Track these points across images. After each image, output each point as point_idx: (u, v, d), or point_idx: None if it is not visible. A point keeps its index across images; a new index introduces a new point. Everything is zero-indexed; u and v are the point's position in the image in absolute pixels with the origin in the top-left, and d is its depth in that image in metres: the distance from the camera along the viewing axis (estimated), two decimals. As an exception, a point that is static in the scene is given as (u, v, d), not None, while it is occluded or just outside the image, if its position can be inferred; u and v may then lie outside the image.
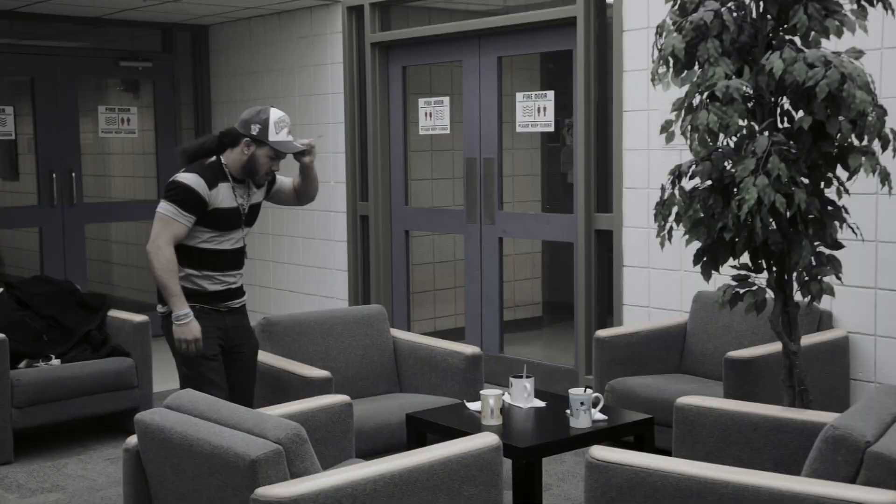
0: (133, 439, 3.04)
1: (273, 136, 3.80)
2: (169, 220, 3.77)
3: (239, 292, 3.97)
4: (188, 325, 3.77)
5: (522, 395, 3.96)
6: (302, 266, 7.28)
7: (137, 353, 5.36)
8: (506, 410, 3.88)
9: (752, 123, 3.35)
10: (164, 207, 3.79)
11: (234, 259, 3.93)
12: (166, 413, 2.95)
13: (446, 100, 6.64)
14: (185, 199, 3.75)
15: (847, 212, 3.42)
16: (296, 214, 7.50)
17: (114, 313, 5.56)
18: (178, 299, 3.77)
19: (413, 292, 7.16)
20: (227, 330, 3.91)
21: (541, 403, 3.98)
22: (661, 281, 5.42)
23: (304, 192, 4.14)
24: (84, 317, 5.53)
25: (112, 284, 8.96)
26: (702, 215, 3.33)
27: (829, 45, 3.51)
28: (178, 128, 8.18)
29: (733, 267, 3.48)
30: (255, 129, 3.80)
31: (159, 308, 3.93)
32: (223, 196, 3.82)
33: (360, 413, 4.11)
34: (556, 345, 7.55)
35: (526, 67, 7.71)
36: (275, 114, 3.83)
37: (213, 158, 3.85)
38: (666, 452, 3.54)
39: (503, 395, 3.88)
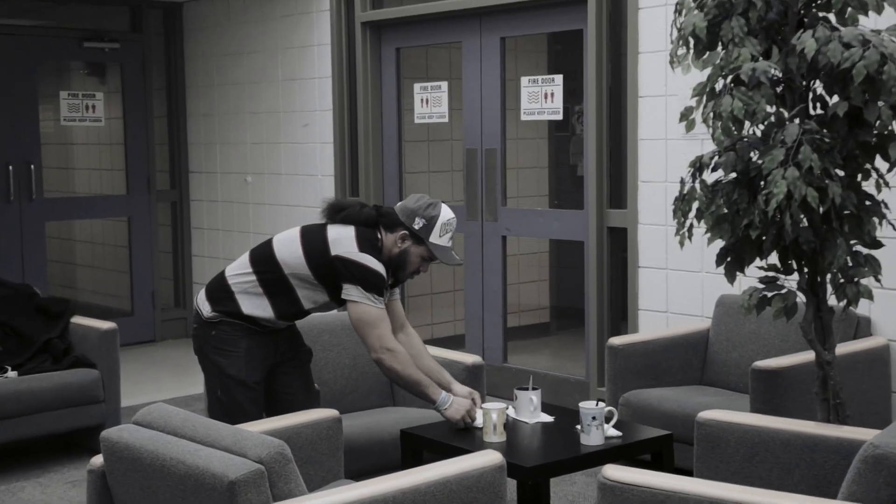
0: (98, 459, 3.03)
1: (435, 239, 3.73)
2: (382, 315, 3.69)
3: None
4: (454, 404, 3.77)
5: (528, 409, 3.96)
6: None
7: (104, 364, 5.35)
8: (510, 426, 3.87)
9: (782, 110, 3.35)
10: (369, 301, 3.66)
11: (302, 317, 3.93)
12: (136, 430, 2.94)
13: (444, 85, 6.64)
14: (380, 287, 3.68)
15: (887, 207, 3.41)
16: (279, 212, 7.50)
17: (77, 320, 5.55)
18: (433, 388, 3.76)
19: (408, 296, 7.16)
20: (277, 344, 3.87)
21: (548, 418, 3.97)
22: (680, 283, 5.41)
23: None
24: (44, 324, 5.52)
25: (76, 288, 8.96)
26: (725, 211, 3.33)
27: (868, 22, 3.51)
28: (149, 115, 8.18)
29: (760, 268, 3.48)
30: (418, 224, 3.72)
31: (206, 312, 3.81)
32: None
33: (350, 429, 4.10)
34: (565, 354, 7.55)
35: (532, 49, 7.70)
36: (445, 214, 3.75)
37: (379, 240, 3.75)
38: (686, 472, 3.54)
39: (507, 408, 3.88)
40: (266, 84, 7.55)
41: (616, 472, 2.84)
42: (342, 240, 3.70)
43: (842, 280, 3.36)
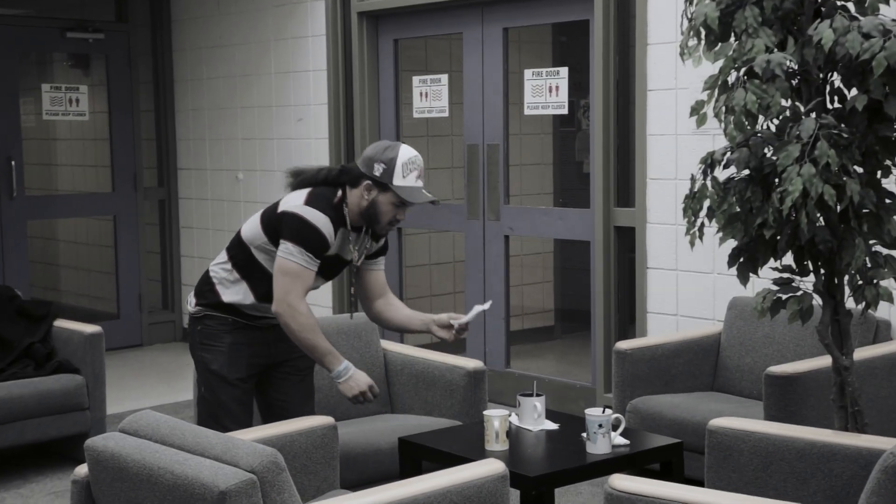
0: (83, 469, 3.03)
1: (399, 181, 3.67)
2: (300, 272, 3.62)
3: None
4: (352, 378, 3.70)
5: (532, 417, 3.96)
6: (278, 269, 7.28)
7: (88, 370, 5.35)
8: (513, 434, 3.87)
9: (797, 104, 3.35)
10: (291, 255, 3.62)
11: None
12: (122, 438, 2.94)
13: (444, 78, 6.64)
14: (316, 245, 3.63)
15: (907, 205, 3.41)
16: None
17: (61, 323, 5.55)
18: (332, 356, 3.69)
19: (406, 298, 7.16)
20: (270, 345, 3.82)
21: (553, 426, 3.97)
22: (690, 285, 5.41)
23: (382, 320, 3.98)
24: (26, 327, 5.52)
25: (59, 290, 8.96)
26: (738, 210, 3.33)
27: (889, 11, 3.51)
28: (136, 109, 8.18)
29: (775, 269, 3.47)
30: (378, 170, 3.67)
31: (190, 307, 3.85)
32: (339, 243, 3.73)
33: (346, 437, 4.10)
34: (570, 358, 7.55)
35: (536, 40, 7.70)
36: (405, 153, 3.71)
37: (338, 197, 3.73)
38: (697, 483, 3.54)
39: (510, 416, 3.88)
40: (258, 77, 7.55)
41: (623, 483, 2.84)
42: (292, 198, 3.72)
43: (860, 281, 3.36)
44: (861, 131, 3.26)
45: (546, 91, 6.06)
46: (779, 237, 3.30)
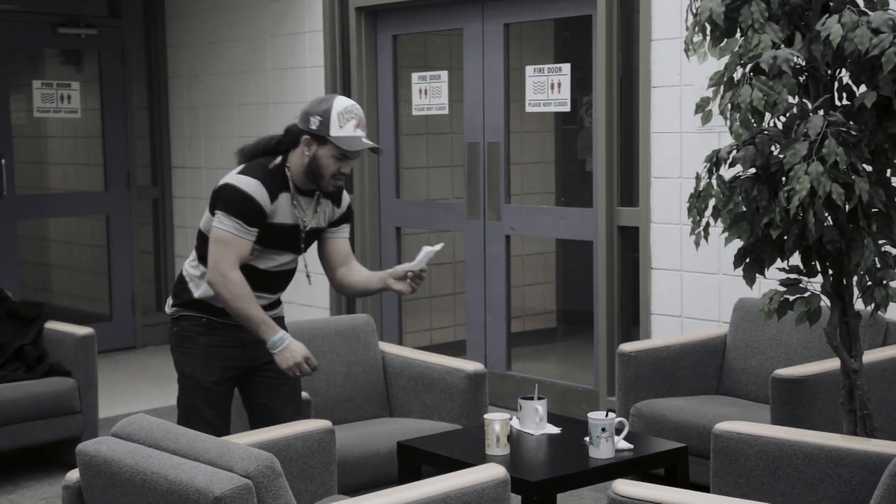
0: (74, 474, 3.03)
1: (336, 131, 3.63)
2: (230, 240, 3.61)
3: (265, 307, 3.79)
4: (287, 349, 3.65)
5: (533, 420, 3.96)
6: (274, 269, 7.28)
7: (80, 373, 5.35)
8: (514, 438, 3.87)
9: (805, 101, 3.35)
10: (222, 223, 3.62)
11: (274, 282, 3.80)
12: (114, 442, 2.94)
13: (444, 74, 6.64)
14: (245, 211, 3.62)
15: (917, 204, 3.41)
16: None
17: (52, 325, 5.55)
18: (266, 326, 3.64)
19: (405, 299, 7.16)
20: (247, 346, 3.79)
21: (555, 430, 3.98)
22: (695, 286, 5.41)
23: (344, 287, 3.94)
24: (16, 329, 5.52)
25: (50, 291, 8.95)
26: (744, 209, 3.33)
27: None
28: (129, 107, 8.18)
29: (781, 270, 3.47)
30: (314, 123, 3.65)
31: (167, 309, 3.86)
32: (282, 210, 3.70)
33: (344, 441, 4.10)
34: (572, 361, 7.55)
35: (537, 36, 7.70)
36: (340, 103, 3.67)
37: (278, 161, 3.72)
38: (702, 488, 3.54)
39: (511, 419, 3.88)
40: (254, 74, 7.54)
41: (627, 488, 2.84)
42: (230, 173, 3.73)
43: (869, 282, 3.36)
44: (870, 129, 3.26)
45: (548, 88, 6.06)
46: (786, 237, 3.30)
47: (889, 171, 3.37)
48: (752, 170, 3.33)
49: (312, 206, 3.78)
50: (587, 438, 3.75)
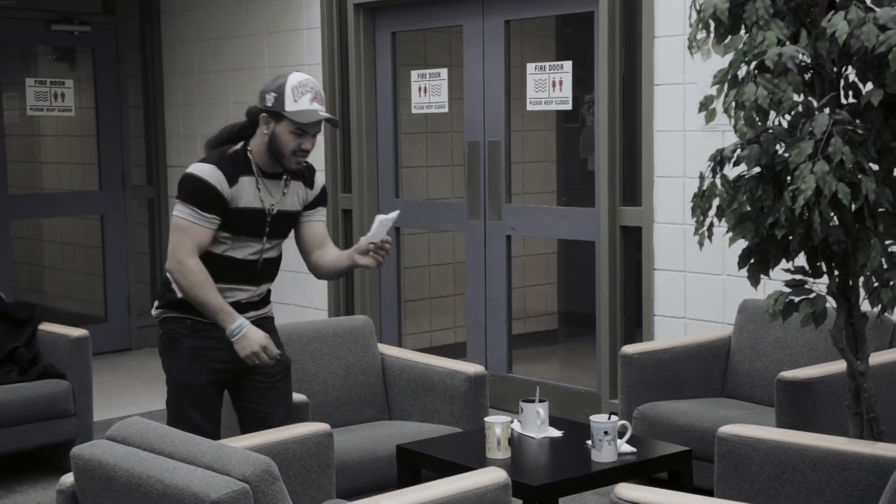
0: (69, 478, 3.02)
1: (291, 106, 3.64)
2: (187, 227, 3.65)
3: (252, 305, 3.82)
4: (245, 337, 3.65)
5: (535, 423, 3.95)
6: (271, 270, 7.28)
7: (74, 375, 5.35)
8: (515, 441, 3.87)
9: (810, 99, 3.35)
10: (178, 211, 3.67)
11: (251, 273, 3.79)
12: (109, 446, 2.94)
13: (444, 72, 6.63)
14: (201, 197, 3.64)
15: (924, 204, 3.41)
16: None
17: (46, 327, 5.55)
18: (224, 314, 3.66)
19: (405, 301, 7.16)
20: (232, 349, 3.75)
21: (557, 433, 3.97)
22: (699, 287, 5.41)
23: (318, 269, 3.92)
24: (9, 331, 5.52)
25: (44, 292, 8.95)
26: (748, 209, 3.33)
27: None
28: (124, 105, 8.17)
29: (787, 270, 3.47)
30: (270, 100, 3.67)
31: (153, 311, 3.87)
32: (245, 193, 3.70)
33: (343, 445, 4.10)
34: (574, 363, 7.55)
35: (538, 33, 7.70)
36: (294, 78, 3.68)
37: (239, 146, 3.75)
38: (706, 492, 3.54)
39: (512, 422, 3.88)
40: (251, 71, 7.54)
41: (630, 492, 2.83)
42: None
43: (876, 283, 3.35)
44: (877, 127, 3.26)
45: (549, 86, 6.05)
46: (791, 237, 3.30)
47: (896, 170, 3.37)
48: (757, 169, 3.33)
49: (280, 188, 3.78)
50: (589, 442, 3.75)
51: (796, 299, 3.40)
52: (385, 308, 7.03)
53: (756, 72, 3.24)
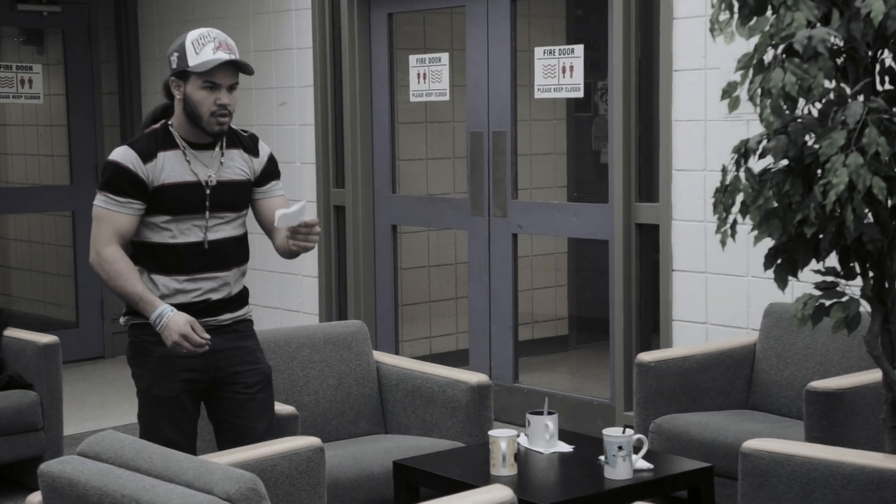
0: (36, 497, 3.03)
1: (193, 59, 3.68)
2: (104, 216, 3.71)
3: (226, 304, 3.82)
4: (166, 326, 3.66)
5: (543, 437, 3.96)
6: (260, 271, 7.26)
7: (43, 385, 5.35)
8: (522, 457, 3.87)
9: (843, 85, 3.35)
10: (95, 200, 3.75)
11: (208, 258, 3.79)
12: (81, 462, 2.94)
13: (445, 57, 6.64)
14: (113, 181, 3.70)
15: (966, 200, 3.41)
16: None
17: (12, 332, 5.55)
18: (144, 303, 3.70)
19: (402, 304, 7.17)
20: (208, 355, 3.75)
21: (567, 448, 3.98)
22: (721, 290, 5.42)
23: (279, 249, 3.94)
24: (-26, 337, 5.53)
25: (9, 295, 8.96)
26: (775, 205, 3.33)
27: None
28: (97, 92, 8.18)
29: (817, 272, 3.47)
30: (174, 62, 3.73)
31: (121, 319, 3.91)
32: (170, 167, 3.73)
33: (335, 460, 4.11)
34: (586, 372, 7.56)
35: (548, 15, 7.71)
36: (194, 33, 3.73)
37: (159, 124, 3.81)
38: (730, 512, 3.54)
39: (518, 436, 3.88)
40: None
41: (647, 512, 2.84)
42: None
43: (913, 286, 3.36)
44: (915, 116, 3.26)
45: (559, 72, 6.06)
46: (821, 236, 3.30)
47: (935, 162, 3.37)
48: (785, 161, 3.33)
49: (217, 158, 3.81)
50: (602, 458, 3.75)
51: (827, 303, 3.41)
52: (381, 312, 7.04)
53: (784, 56, 3.24)
